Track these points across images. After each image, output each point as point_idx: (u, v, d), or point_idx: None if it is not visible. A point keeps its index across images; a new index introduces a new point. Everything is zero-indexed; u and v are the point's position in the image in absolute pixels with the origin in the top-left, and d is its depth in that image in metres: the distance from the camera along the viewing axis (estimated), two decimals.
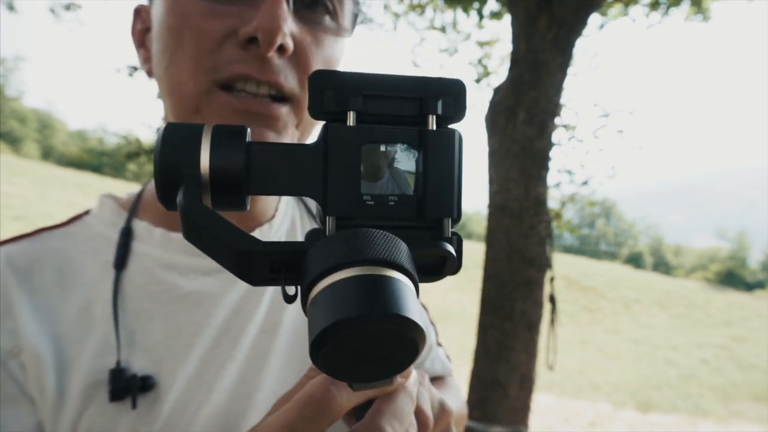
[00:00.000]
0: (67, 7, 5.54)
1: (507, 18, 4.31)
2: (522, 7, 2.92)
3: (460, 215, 0.31)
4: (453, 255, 0.30)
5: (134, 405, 0.44)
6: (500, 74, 5.42)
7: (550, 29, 2.85)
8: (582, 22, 2.94)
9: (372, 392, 0.31)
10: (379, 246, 0.26)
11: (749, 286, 43.67)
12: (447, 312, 11.73)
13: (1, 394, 0.43)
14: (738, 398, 8.04)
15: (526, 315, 2.88)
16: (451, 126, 0.32)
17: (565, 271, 20.39)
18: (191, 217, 0.28)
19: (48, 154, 50.09)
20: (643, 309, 18.14)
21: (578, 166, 4.35)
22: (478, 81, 5.36)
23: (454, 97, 0.31)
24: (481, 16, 4.69)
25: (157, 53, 0.48)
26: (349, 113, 0.30)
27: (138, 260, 0.50)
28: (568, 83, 3.26)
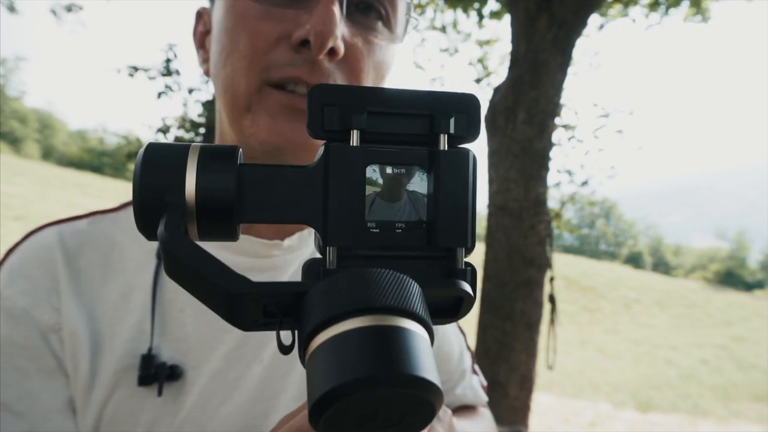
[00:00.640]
0: (69, 9, 5.54)
1: (507, 18, 4.32)
2: (522, 7, 2.93)
3: (474, 244, 0.29)
4: (470, 295, 0.27)
5: (160, 392, 0.45)
6: (500, 74, 5.43)
7: (550, 29, 2.85)
8: (582, 22, 2.94)
9: None
10: (389, 290, 0.23)
11: (749, 286, 43.66)
12: None
13: (41, 365, 0.45)
14: (738, 398, 8.04)
15: (526, 315, 2.88)
16: (464, 146, 0.29)
17: (565, 271, 20.38)
18: (173, 253, 0.24)
19: (48, 154, 50.07)
20: (643, 309, 18.14)
21: (578, 166, 4.35)
22: (478, 81, 5.36)
23: (467, 114, 0.28)
24: (481, 16, 4.69)
25: (214, 54, 0.50)
26: (353, 132, 0.27)
27: None
28: (568, 83, 3.26)
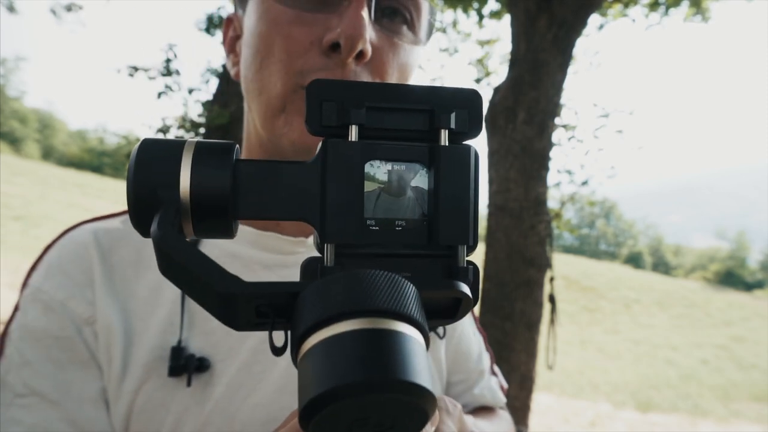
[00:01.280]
0: (68, 8, 5.54)
1: (507, 18, 4.31)
2: (522, 7, 2.93)
3: (476, 242, 0.28)
4: (468, 297, 0.26)
5: (189, 383, 0.47)
6: (500, 74, 5.43)
7: (550, 29, 2.85)
8: (582, 22, 2.94)
9: None
10: (384, 293, 0.23)
11: (749, 286, 43.65)
12: None
13: (75, 356, 0.47)
14: (738, 398, 8.04)
15: (526, 315, 2.89)
16: (465, 142, 0.29)
17: (565, 271, 20.38)
18: (166, 251, 0.24)
19: (48, 154, 50.04)
20: (643, 309, 18.14)
21: (578, 166, 4.35)
22: (478, 81, 5.36)
23: (468, 109, 0.28)
24: (481, 16, 4.69)
25: (247, 58, 0.51)
26: (351, 127, 0.26)
27: (206, 249, 0.53)
28: (568, 83, 3.26)
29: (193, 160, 0.26)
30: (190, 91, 4.58)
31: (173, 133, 4.42)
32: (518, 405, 2.83)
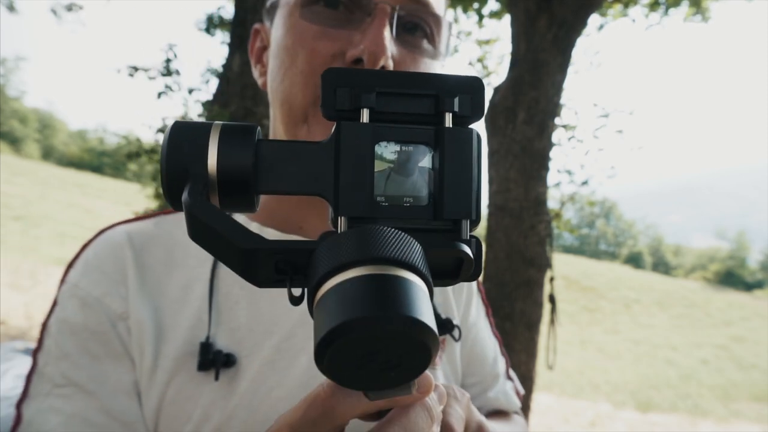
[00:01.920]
0: (69, 8, 5.54)
1: (507, 18, 4.31)
2: (522, 7, 2.93)
3: (479, 217, 0.30)
4: (470, 257, 0.28)
5: (217, 377, 0.49)
6: (500, 74, 5.42)
7: (550, 29, 2.85)
8: (582, 22, 2.94)
9: (385, 402, 0.28)
10: (391, 244, 0.25)
11: (749, 286, 43.63)
12: None
13: (110, 350, 0.50)
14: (738, 398, 8.05)
15: (526, 315, 2.88)
16: (468, 126, 0.31)
17: (565, 271, 20.38)
18: (196, 215, 0.27)
19: (48, 154, 50.00)
20: (643, 309, 18.14)
21: (578, 166, 4.35)
22: None
23: (471, 95, 0.30)
24: (481, 16, 4.69)
25: (273, 69, 0.54)
26: (363, 111, 0.29)
27: None
28: (568, 83, 3.26)
29: (219, 140, 0.28)
30: (190, 91, 4.57)
31: None
32: None
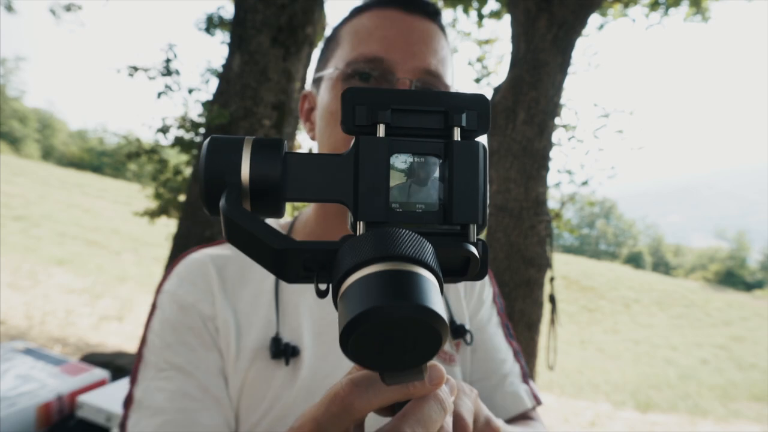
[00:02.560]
0: (68, 8, 5.54)
1: (506, 18, 4.31)
2: (522, 7, 2.93)
3: (485, 222, 0.33)
4: (476, 256, 0.31)
5: (287, 362, 0.61)
6: (499, 74, 5.42)
7: (550, 29, 2.86)
8: (582, 22, 2.94)
9: (400, 394, 0.31)
10: (406, 244, 0.28)
11: (749, 286, 43.59)
12: None
13: (203, 342, 0.63)
14: (737, 398, 8.05)
15: (526, 315, 2.89)
16: (475, 139, 0.33)
17: (565, 271, 20.38)
18: (232, 219, 0.30)
19: (48, 154, 49.97)
20: (643, 309, 18.14)
21: (578, 166, 4.35)
22: (477, 81, 5.36)
23: (477, 111, 0.33)
24: (481, 16, 4.69)
25: (320, 127, 0.67)
26: (379, 126, 0.31)
27: None
28: (568, 83, 3.26)
29: (251, 153, 0.31)
30: (190, 91, 4.57)
31: (173, 133, 4.42)
32: None
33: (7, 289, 6.14)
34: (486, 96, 0.33)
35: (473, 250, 0.31)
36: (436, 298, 0.26)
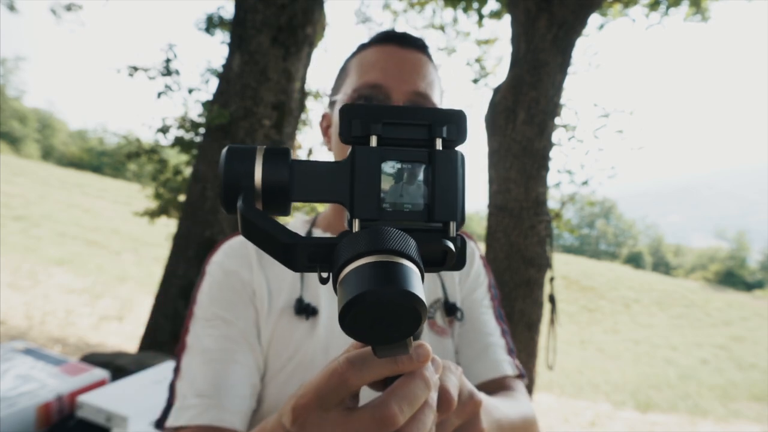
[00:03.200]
0: (68, 8, 5.54)
1: (506, 18, 4.30)
2: (522, 7, 2.93)
3: (463, 219, 0.38)
4: (452, 250, 0.36)
5: (307, 318, 0.77)
6: (498, 74, 5.42)
7: (550, 29, 2.86)
8: (582, 23, 2.94)
9: (389, 370, 0.37)
10: (393, 240, 0.32)
11: (749, 286, 43.56)
12: None
13: (242, 300, 0.78)
14: (737, 398, 8.05)
15: (526, 315, 2.89)
16: (455, 148, 0.38)
17: (565, 271, 20.39)
18: (248, 218, 0.35)
19: (48, 154, 49.94)
20: (643, 309, 18.15)
21: (578, 166, 4.35)
22: (476, 81, 5.36)
23: (456, 124, 0.38)
24: (481, 16, 4.69)
25: (335, 143, 0.81)
26: (372, 137, 0.37)
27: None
28: (568, 83, 3.26)
29: (263, 160, 0.36)
30: (190, 91, 4.57)
31: (173, 133, 4.41)
32: None
33: (7, 289, 6.14)
34: (464, 111, 0.38)
35: (450, 245, 0.36)
36: (418, 285, 0.31)
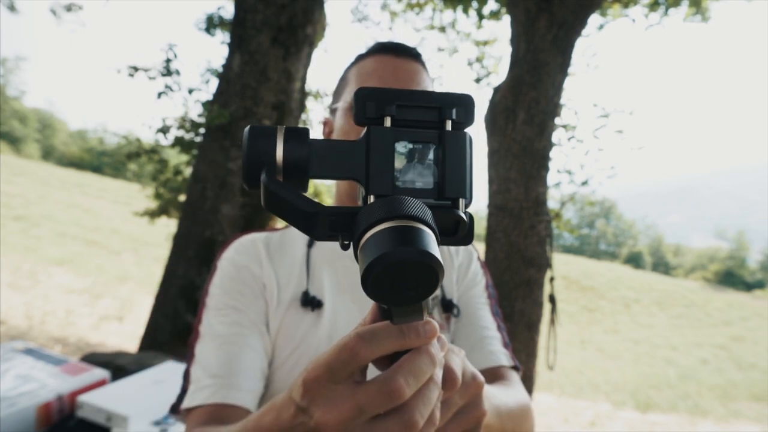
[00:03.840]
0: (68, 8, 5.54)
1: (505, 18, 4.30)
2: (522, 7, 2.93)
3: (472, 198, 0.39)
4: (464, 219, 0.38)
5: (313, 309, 0.82)
6: (498, 74, 5.42)
7: (550, 29, 2.86)
8: (582, 23, 2.94)
9: (397, 345, 0.38)
10: (411, 207, 0.34)
11: (748, 286, 43.52)
12: None
13: (253, 292, 0.83)
14: (737, 398, 8.05)
15: (526, 315, 2.89)
16: (463, 130, 0.40)
17: (565, 271, 20.38)
18: (272, 190, 0.37)
19: (48, 154, 49.86)
20: (643, 309, 18.15)
21: (578, 166, 4.35)
22: (477, 81, 5.36)
23: (465, 107, 0.40)
24: (481, 16, 4.69)
25: None
26: (386, 118, 0.39)
27: (318, 242, 0.89)
28: (568, 83, 3.26)
29: (284, 138, 0.38)
30: (190, 91, 4.57)
31: (173, 133, 4.41)
32: None
33: (7, 289, 6.14)
34: (472, 95, 0.40)
35: (461, 214, 0.38)
36: (434, 247, 0.32)
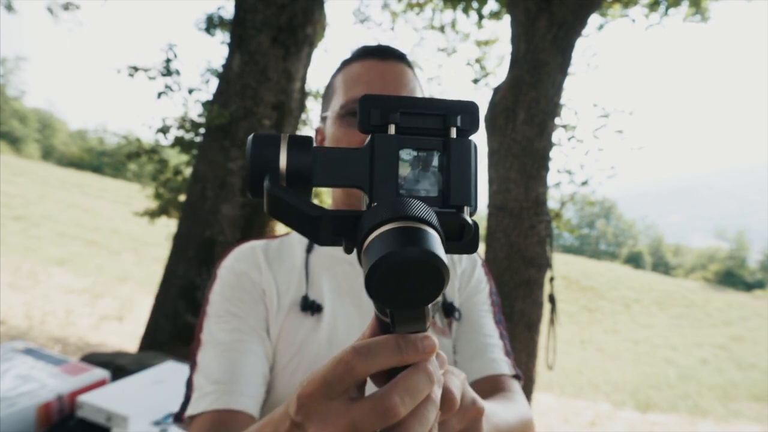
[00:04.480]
0: (65, 7, 5.54)
1: (505, 18, 4.30)
2: (522, 7, 2.93)
3: (476, 206, 0.39)
4: (469, 224, 0.38)
5: (312, 314, 0.82)
6: (498, 75, 5.42)
7: (550, 29, 2.86)
8: (582, 23, 2.94)
9: (394, 360, 0.37)
10: (415, 208, 0.34)
11: (748, 286, 43.51)
12: None
13: (252, 299, 0.83)
14: (737, 398, 8.05)
15: (526, 315, 2.89)
16: (468, 137, 0.40)
17: (565, 271, 20.38)
18: (276, 195, 0.37)
19: (48, 154, 49.84)
20: (643, 309, 18.15)
21: (578, 166, 4.35)
22: (476, 81, 5.36)
23: (470, 114, 0.40)
24: (480, 16, 4.69)
25: None
26: (390, 126, 0.38)
27: (317, 247, 0.91)
28: (568, 83, 3.26)
29: (288, 146, 0.38)
30: (190, 91, 4.57)
31: (173, 133, 4.41)
32: None
33: (7, 289, 6.14)
34: (477, 103, 0.40)
35: (467, 218, 0.37)
36: (439, 248, 0.32)
